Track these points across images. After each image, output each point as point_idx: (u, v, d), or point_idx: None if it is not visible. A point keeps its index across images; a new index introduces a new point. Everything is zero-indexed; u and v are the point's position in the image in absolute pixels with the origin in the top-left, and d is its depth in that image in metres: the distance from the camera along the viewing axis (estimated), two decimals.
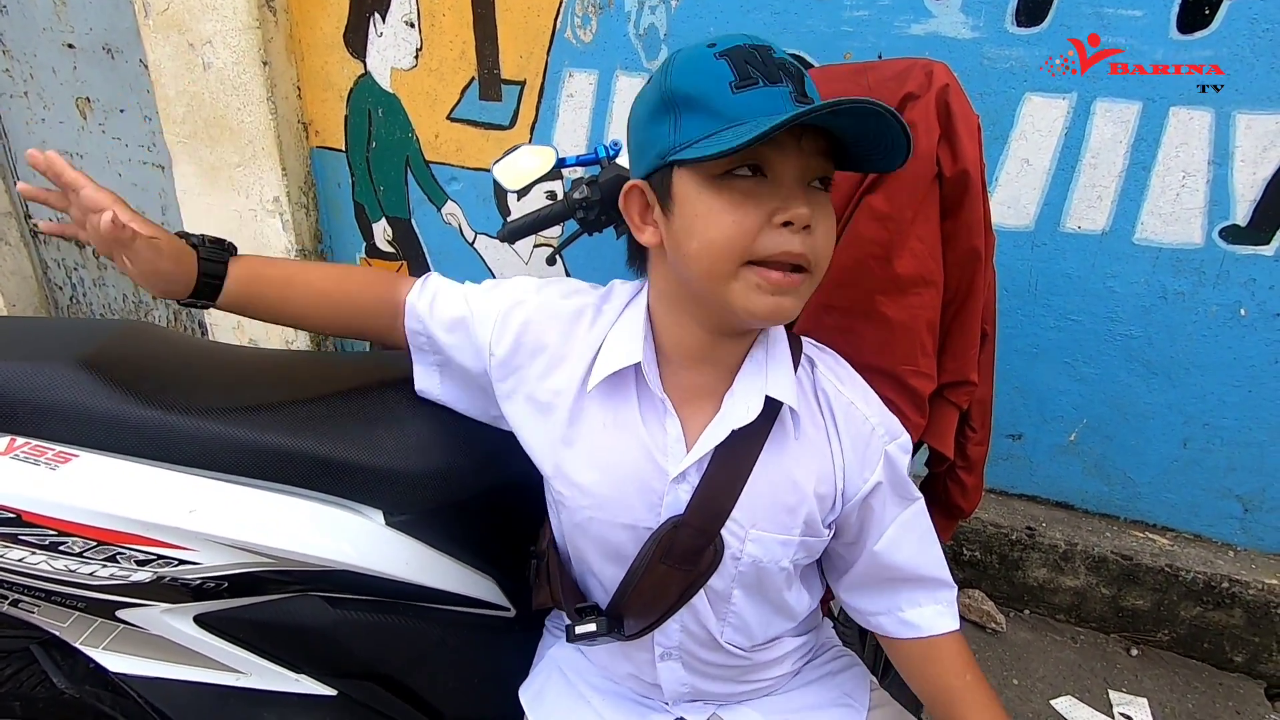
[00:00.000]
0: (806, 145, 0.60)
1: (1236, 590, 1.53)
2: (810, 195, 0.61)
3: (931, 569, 0.76)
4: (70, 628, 0.79)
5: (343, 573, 0.79)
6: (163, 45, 2.03)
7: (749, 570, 0.72)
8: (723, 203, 0.59)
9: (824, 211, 0.62)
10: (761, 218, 0.59)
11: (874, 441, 0.72)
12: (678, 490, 0.70)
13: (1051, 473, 1.71)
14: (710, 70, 0.58)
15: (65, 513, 0.69)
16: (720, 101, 0.57)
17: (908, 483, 0.75)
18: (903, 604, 0.76)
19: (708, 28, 1.58)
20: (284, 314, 0.80)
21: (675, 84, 0.60)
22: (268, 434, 0.77)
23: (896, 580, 0.76)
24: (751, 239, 0.59)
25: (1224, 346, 1.45)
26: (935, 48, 1.42)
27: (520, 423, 0.77)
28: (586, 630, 0.76)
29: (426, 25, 1.84)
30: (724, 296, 0.62)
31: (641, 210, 0.67)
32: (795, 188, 0.60)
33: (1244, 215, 1.36)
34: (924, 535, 0.77)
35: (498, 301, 0.76)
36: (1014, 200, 1.49)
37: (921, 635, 0.75)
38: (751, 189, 0.59)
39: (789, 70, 0.59)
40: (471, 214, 2.01)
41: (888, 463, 0.72)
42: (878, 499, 0.73)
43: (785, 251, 0.59)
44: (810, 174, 0.61)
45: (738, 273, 0.60)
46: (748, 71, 0.58)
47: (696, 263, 0.62)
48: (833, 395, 0.72)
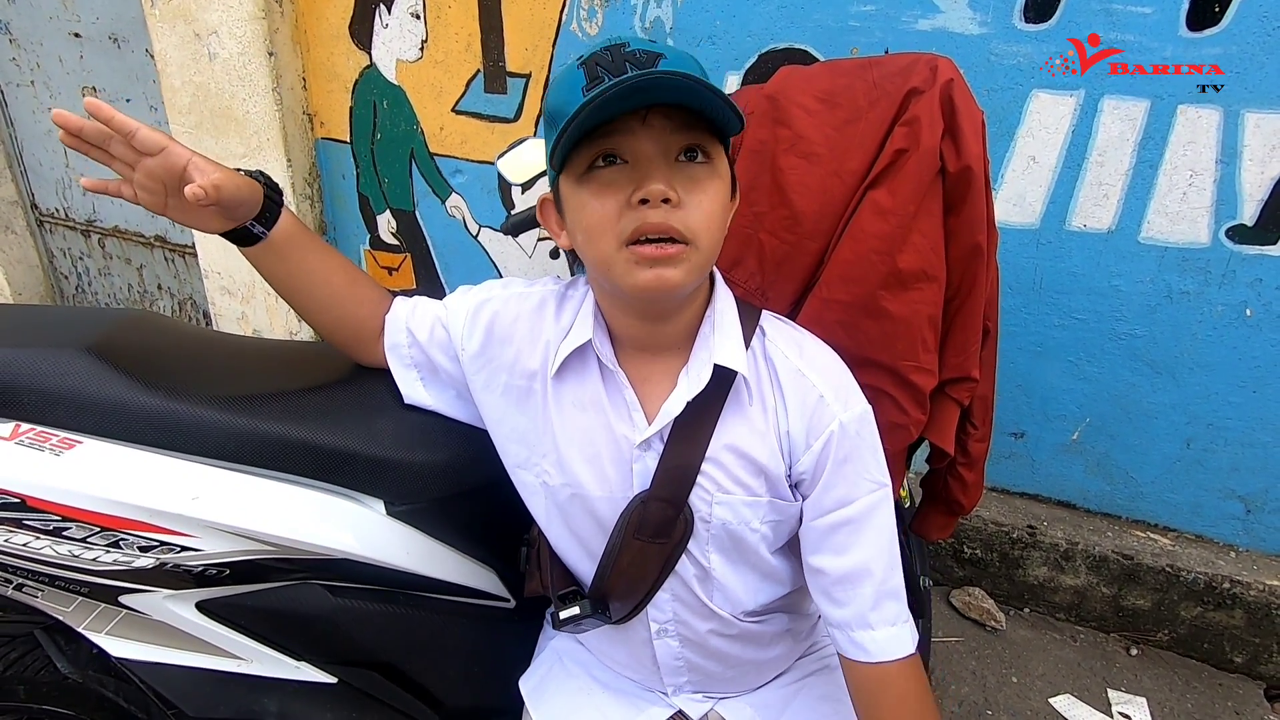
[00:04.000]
0: (656, 124, 0.62)
1: (1238, 591, 1.52)
2: (678, 170, 0.63)
3: (882, 569, 0.72)
4: (74, 613, 0.80)
5: (344, 561, 0.79)
6: (169, 35, 2.04)
7: (721, 534, 0.74)
8: (589, 195, 0.64)
9: (695, 182, 0.64)
10: (621, 201, 0.63)
11: (821, 409, 0.72)
12: (645, 459, 0.73)
13: (1053, 471, 1.70)
14: (569, 81, 0.62)
15: (69, 498, 0.69)
16: (573, 106, 0.60)
17: (867, 462, 0.73)
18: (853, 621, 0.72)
19: (713, 21, 1.58)
20: (314, 277, 0.80)
21: (548, 101, 0.66)
22: (271, 423, 0.77)
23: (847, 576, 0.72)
24: (614, 222, 0.63)
25: (1229, 346, 1.44)
26: (942, 43, 1.42)
27: (500, 416, 0.79)
28: (571, 614, 0.77)
29: (432, 17, 1.83)
30: (613, 279, 0.66)
31: (556, 220, 0.73)
32: (653, 166, 0.62)
33: (1251, 215, 1.36)
34: (880, 530, 0.73)
35: (468, 301, 0.81)
36: (1020, 197, 1.48)
37: (872, 660, 0.71)
38: (612, 177, 0.63)
39: (637, 60, 0.61)
40: (475, 206, 2.01)
41: (841, 431, 0.71)
42: (826, 466, 0.72)
43: (645, 225, 0.62)
44: (672, 150, 0.63)
45: (615, 255, 0.64)
46: (595, 72, 0.61)
47: (586, 254, 0.68)
48: (779, 362, 0.74)
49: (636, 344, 0.74)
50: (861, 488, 0.73)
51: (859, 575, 0.72)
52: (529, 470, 0.78)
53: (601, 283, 0.72)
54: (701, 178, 0.64)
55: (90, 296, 2.94)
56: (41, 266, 2.96)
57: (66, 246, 2.88)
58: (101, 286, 2.89)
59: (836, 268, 0.86)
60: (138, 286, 2.80)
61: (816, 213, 0.86)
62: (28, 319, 0.85)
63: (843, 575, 0.73)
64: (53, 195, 2.78)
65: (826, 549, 0.73)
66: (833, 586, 0.73)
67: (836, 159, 0.85)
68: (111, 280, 2.85)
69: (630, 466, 0.73)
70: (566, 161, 0.64)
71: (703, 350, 0.72)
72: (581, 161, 0.64)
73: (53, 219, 2.85)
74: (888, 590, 0.73)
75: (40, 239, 2.92)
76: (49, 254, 2.95)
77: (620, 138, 0.62)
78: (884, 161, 0.83)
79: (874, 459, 0.74)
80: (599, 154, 0.63)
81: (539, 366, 0.76)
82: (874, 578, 0.72)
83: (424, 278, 2.20)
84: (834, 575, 0.73)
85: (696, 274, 0.66)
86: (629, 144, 0.62)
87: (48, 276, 2.99)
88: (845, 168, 0.85)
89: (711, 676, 0.84)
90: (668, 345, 0.74)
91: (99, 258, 2.82)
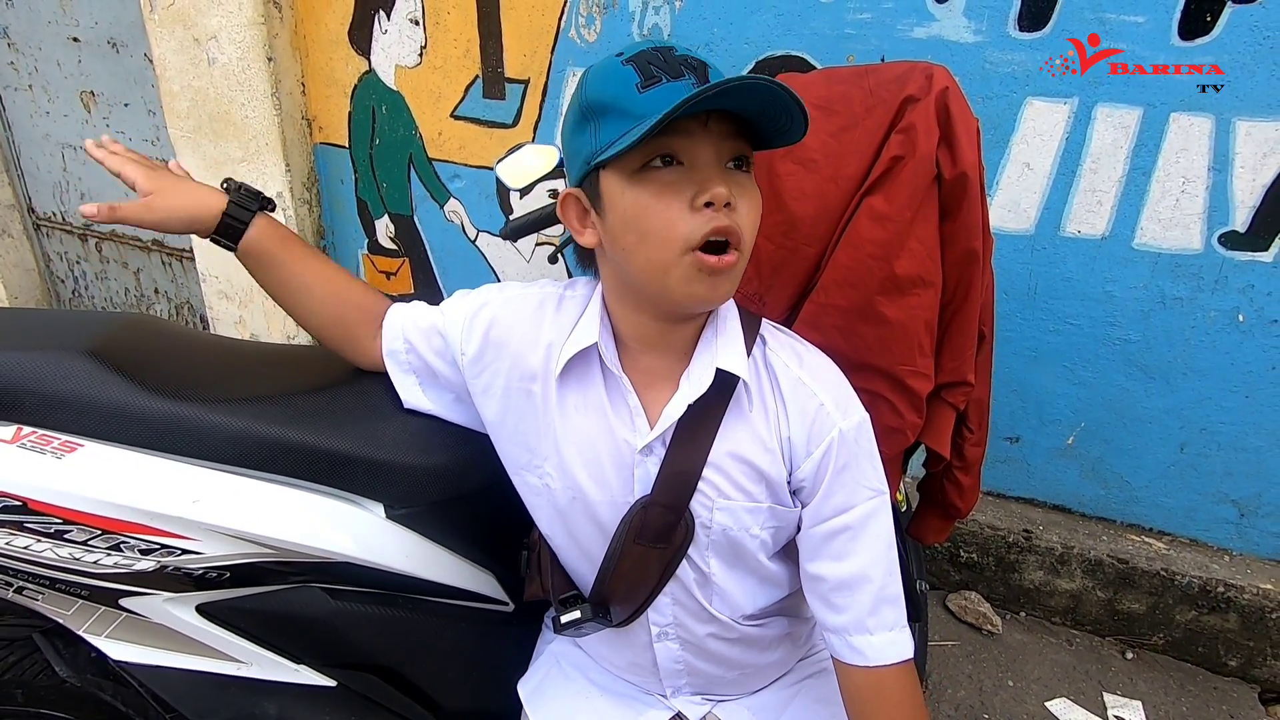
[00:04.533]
0: (715, 129, 0.63)
1: (1232, 595, 1.53)
2: (728, 176, 0.64)
3: (880, 575, 0.73)
4: (73, 616, 0.80)
5: (343, 564, 0.79)
6: (168, 40, 2.04)
7: (721, 540, 0.75)
8: (647, 195, 0.63)
9: (744, 190, 0.65)
10: (684, 203, 0.63)
11: (821, 417, 0.72)
12: (646, 463, 0.73)
13: (1049, 476, 1.71)
14: (618, 76, 0.63)
15: (70, 501, 0.70)
16: (628, 102, 0.61)
17: (865, 470, 0.74)
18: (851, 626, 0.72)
19: (710, 29, 1.59)
20: (293, 285, 0.83)
21: (590, 94, 0.65)
22: (271, 427, 0.78)
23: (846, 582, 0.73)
24: (679, 225, 0.63)
25: (1222, 352, 1.46)
26: (937, 51, 1.43)
27: (500, 419, 0.79)
28: (572, 618, 0.78)
29: (431, 23, 1.84)
30: (665, 284, 0.66)
31: (579, 215, 0.72)
32: (710, 170, 0.63)
33: (1243, 221, 1.37)
34: (878, 537, 0.74)
35: (465, 306, 0.81)
36: (1014, 204, 1.49)
37: (870, 665, 0.72)
38: (670, 179, 0.63)
39: (691, 65, 0.63)
40: (474, 212, 2.02)
41: (840, 440, 0.72)
42: (825, 475, 0.72)
43: (714, 229, 0.62)
44: (724, 156, 0.64)
45: (677, 261, 0.64)
46: (651, 71, 0.62)
47: (635, 255, 0.66)
48: (780, 370, 0.74)
49: (643, 344, 0.74)
50: (860, 495, 0.73)
51: (858, 581, 0.72)
52: (531, 473, 0.78)
53: (640, 284, 0.69)
54: (748, 186, 0.66)
55: (87, 300, 2.94)
56: (38, 270, 2.95)
57: (63, 250, 2.88)
58: (98, 290, 2.89)
59: (834, 273, 0.86)
60: (134, 290, 2.80)
61: (813, 219, 0.87)
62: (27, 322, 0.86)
63: (841, 581, 0.73)
64: (50, 199, 2.78)
65: (825, 555, 0.74)
66: (831, 593, 0.73)
67: (833, 165, 0.86)
68: (108, 284, 2.85)
69: (632, 471, 0.74)
70: (615, 158, 0.62)
71: (705, 354, 0.72)
72: (635, 160, 0.63)
73: (49, 223, 2.84)
74: (886, 596, 0.73)
75: (37, 243, 2.92)
76: (46, 258, 2.95)
77: (680, 140, 0.62)
78: (880, 168, 0.83)
79: (872, 467, 0.75)
80: (657, 154, 0.63)
81: (540, 368, 0.76)
82: (873, 584, 0.72)
83: (422, 282, 2.21)
84: (833, 581, 0.73)
85: (738, 283, 0.68)
86: (688, 147, 0.63)
87: (44, 280, 2.98)
88: (842, 174, 0.86)
89: (711, 679, 0.84)
90: (676, 347, 0.74)
91: (96, 261, 2.82)
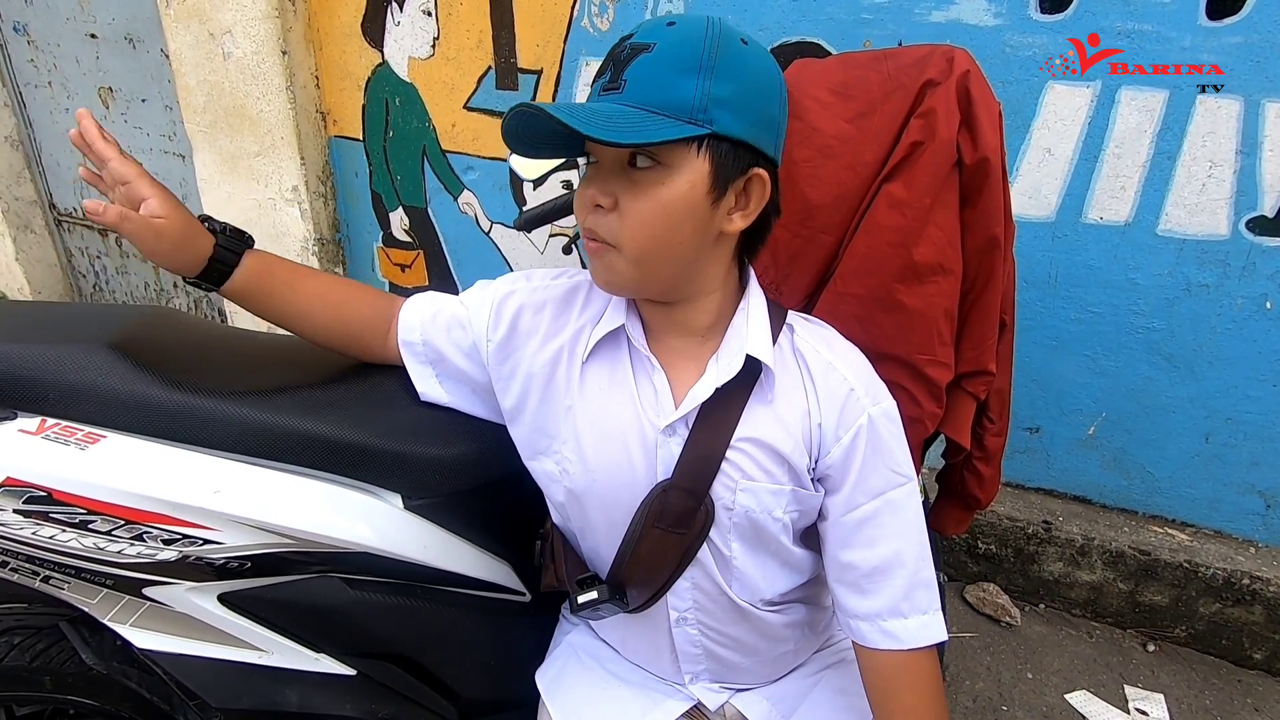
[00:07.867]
0: None
1: (1257, 587, 1.51)
2: (628, 175, 0.65)
3: (913, 560, 0.73)
4: (98, 604, 0.81)
5: (362, 554, 0.80)
6: (183, 35, 2.05)
7: (743, 521, 0.74)
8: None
9: (635, 189, 0.65)
10: (586, 199, 0.68)
11: (852, 402, 0.72)
12: (669, 444, 0.73)
13: (1069, 466, 1.69)
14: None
15: (94, 492, 0.70)
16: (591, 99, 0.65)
17: (895, 456, 0.74)
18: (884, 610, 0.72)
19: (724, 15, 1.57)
20: (286, 313, 0.81)
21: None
22: (291, 418, 0.78)
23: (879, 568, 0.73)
24: (582, 219, 0.69)
25: (1249, 340, 1.43)
26: (956, 35, 1.41)
27: (520, 405, 0.79)
28: (589, 598, 0.78)
29: (444, 14, 1.84)
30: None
31: None
32: (601, 171, 0.67)
33: (1272, 206, 1.34)
34: (910, 523, 0.74)
35: (490, 295, 0.81)
36: (1035, 190, 1.47)
37: (904, 647, 0.72)
38: (590, 174, 0.68)
39: (618, 58, 0.64)
40: (488, 203, 2.02)
41: (870, 426, 0.72)
42: (855, 460, 0.72)
43: (584, 227, 0.69)
44: (624, 154, 0.65)
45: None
46: (605, 67, 0.66)
47: None
48: (809, 355, 0.74)
49: (659, 326, 0.75)
50: (892, 480, 0.73)
51: (891, 566, 0.72)
52: (549, 458, 0.78)
53: None
54: (644, 184, 0.64)
55: (108, 294, 2.98)
56: (60, 265, 3.00)
57: (84, 245, 2.92)
58: (119, 284, 2.93)
59: (851, 261, 0.85)
60: (154, 284, 2.83)
61: (831, 206, 0.86)
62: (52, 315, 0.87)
63: (874, 568, 0.73)
64: (70, 195, 2.81)
65: (857, 543, 0.73)
66: (863, 579, 0.73)
67: (851, 152, 0.85)
68: (129, 278, 2.89)
69: (655, 452, 0.73)
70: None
71: (735, 339, 0.73)
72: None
73: (71, 219, 2.88)
74: (921, 580, 0.73)
75: (59, 238, 2.96)
76: (67, 253, 2.99)
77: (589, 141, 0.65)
78: (900, 154, 0.82)
79: (901, 452, 0.74)
80: (587, 153, 0.68)
81: (566, 353, 0.77)
82: (906, 568, 0.72)
83: (436, 274, 2.21)
84: (865, 568, 0.73)
85: (630, 273, 0.68)
86: (595, 147, 0.66)
87: (66, 275, 3.03)
88: (860, 160, 0.85)
89: (729, 666, 0.84)
90: (693, 333, 0.74)
91: (116, 256, 2.86)
